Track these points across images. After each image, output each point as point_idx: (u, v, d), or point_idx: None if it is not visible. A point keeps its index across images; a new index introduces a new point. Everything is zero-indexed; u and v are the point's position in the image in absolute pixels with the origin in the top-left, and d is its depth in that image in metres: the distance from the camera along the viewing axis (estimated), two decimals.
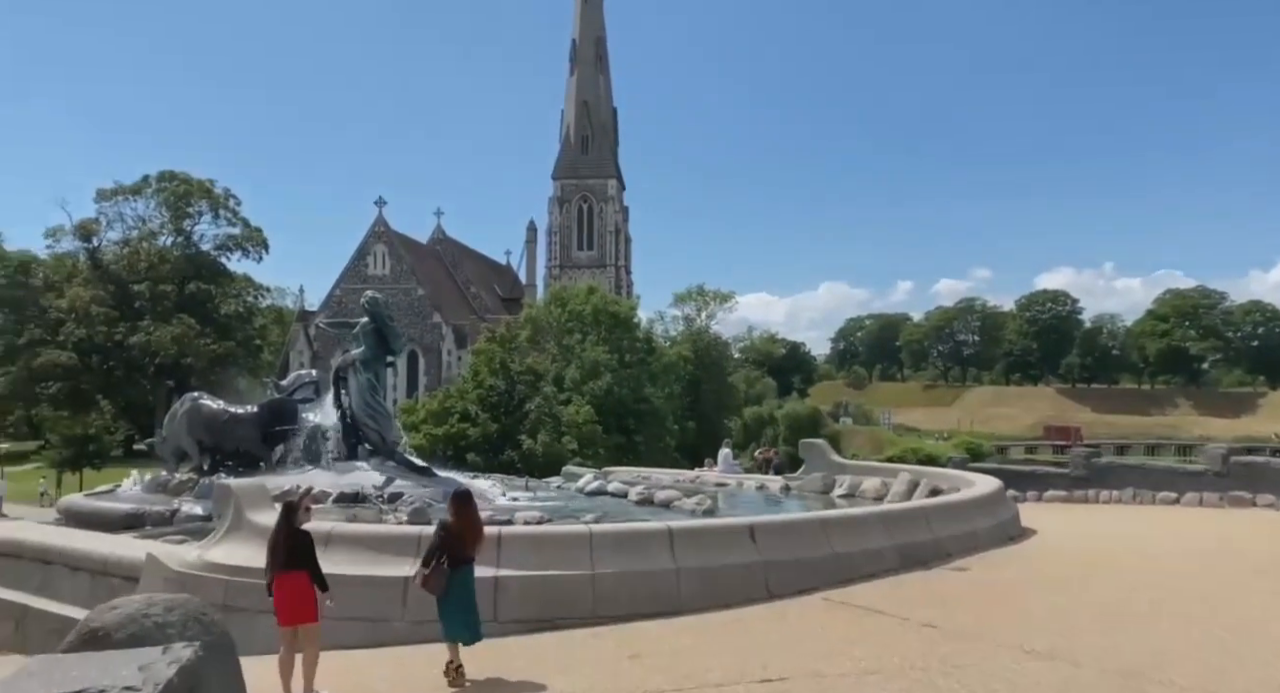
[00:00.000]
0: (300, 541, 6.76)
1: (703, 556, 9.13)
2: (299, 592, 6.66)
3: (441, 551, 6.80)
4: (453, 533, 6.88)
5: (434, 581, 6.77)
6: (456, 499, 7.16)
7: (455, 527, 6.91)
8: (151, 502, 16.64)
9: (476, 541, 7.07)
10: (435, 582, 6.76)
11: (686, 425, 46.79)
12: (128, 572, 10.26)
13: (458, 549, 6.84)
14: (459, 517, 6.97)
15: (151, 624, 3.00)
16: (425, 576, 6.78)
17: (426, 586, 6.81)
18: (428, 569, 6.81)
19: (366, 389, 17.90)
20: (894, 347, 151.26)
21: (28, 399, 60.31)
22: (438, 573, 6.76)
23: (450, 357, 62.52)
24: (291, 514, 6.83)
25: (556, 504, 15.89)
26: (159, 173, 64.10)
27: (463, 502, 7.10)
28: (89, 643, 2.92)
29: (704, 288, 68.71)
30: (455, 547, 6.83)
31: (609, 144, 79.00)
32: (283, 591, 6.69)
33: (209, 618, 3.26)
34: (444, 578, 6.73)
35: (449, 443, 37.52)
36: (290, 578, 6.66)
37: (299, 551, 6.71)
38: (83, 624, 3.09)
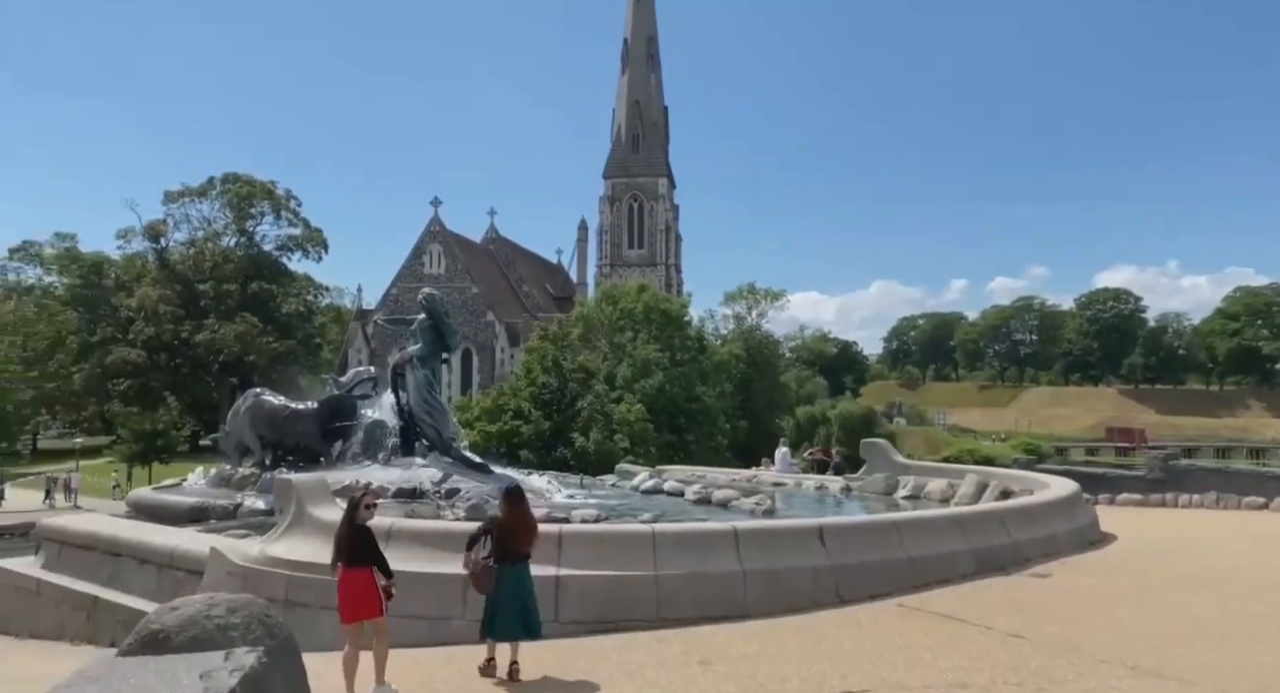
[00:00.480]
0: (363, 537, 6.66)
1: (769, 558, 8.80)
2: (362, 588, 6.57)
3: (484, 544, 6.73)
4: (503, 529, 6.79)
5: (483, 579, 6.70)
6: (508, 495, 7.06)
7: (506, 523, 6.82)
8: (215, 496, 16.89)
9: (530, 538, 6.95)
10: (484, 580, 6.70)
11: (738, 424, 46.30)
12: (192, 565, 10.34)
13: (509, 546, 6.73)
14: (510, 513, 6.88)
15: (213, 627, 2.81)
16: (474, 574, 6.73)
17: (476, 585, 6.76)
18: (473, 558, 6.76)
19: (424, 385, 17.91)
20: (948, 346, 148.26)
21: (100, 395, 62.45)
22: (485, 572, 6.68)
23: (503, 355, 62.91)
24: (354, 511, 6.75)
25: (612, 503, 15.68)
26: (223, 175, 65.96)
27: (514, 498, 7.00)
28: (149, 646, 2.75)
29: (755, 286, 67.97)
30: (506, 543, 6.73)
31: (660, 142, 78.69)
32: (346, 587, 6.60)
33: (273, 620, 3.07)
34: (492, 576, 6.65)
35: (502, 440, 37.67)
36: (353, 575, 6.58)
37: (361, 547, 6.62)
38: (142, 625, 2.93)
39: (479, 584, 6.76)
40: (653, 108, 78.66)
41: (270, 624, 3.00)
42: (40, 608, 12.34)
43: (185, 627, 2.79)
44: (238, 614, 2.93)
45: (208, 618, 2.85)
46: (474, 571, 6.75)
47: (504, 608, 6.69)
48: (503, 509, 6.94)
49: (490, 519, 7.02)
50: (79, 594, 11.54)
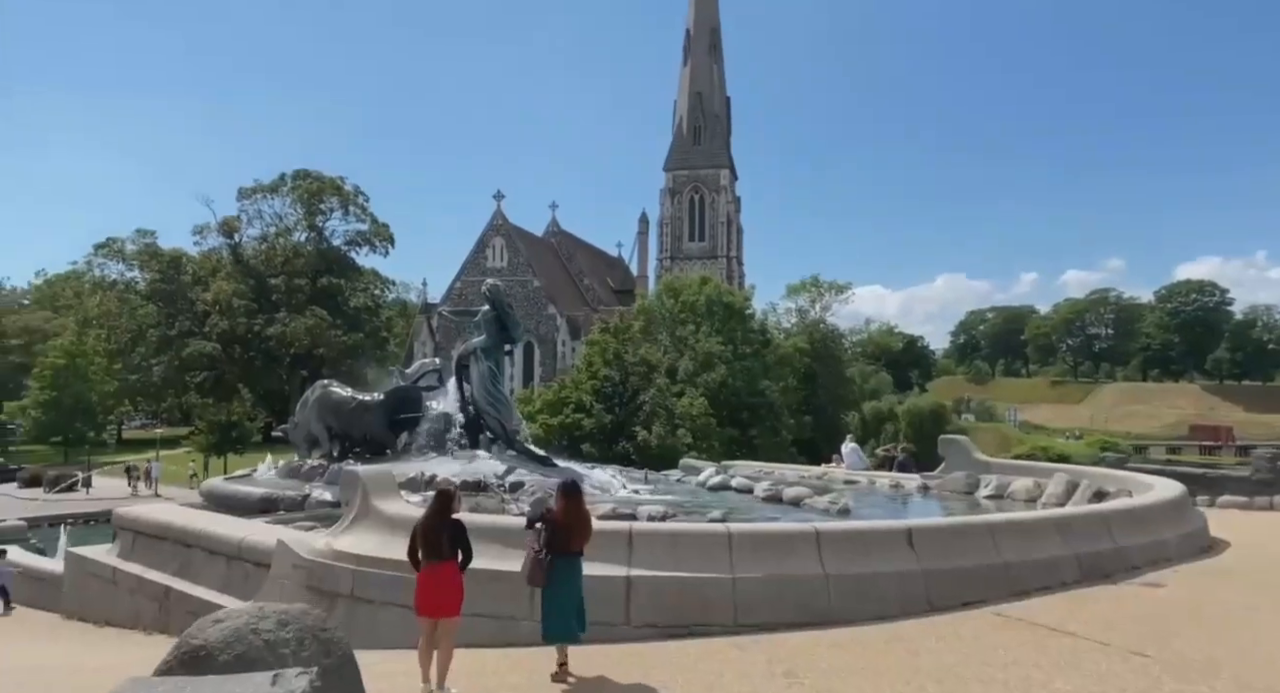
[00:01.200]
0: (459, 530, 6.53)
1: (854, 561, 8.24)
2: (447, 583, 6.38)
3: (539, 537, 6.59)
4: (559, 524, 6.61)
5: (537, 573, 6.52)
6: (565, 489, 6.87)
7: (562, 518, 6.64)
8: (284, 487, 17.00)
9: (585, 534, 6.78)
10: (537, 574, 6.52)
11: (803, 420, 45.31)
12: (260, 558, 10.24)
13: (563, 541, 6.58)
14: (567, 508, 6.69)
15: (261, 643, 2.45)
16: (529, 569, 6.56)
17: (528, 577, 6.58)
18: (529, 547, 6.59)
19: (488, 377, 17.74)
20: (1019, 341, 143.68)
21: (178, 387, 64.55)
22: (539, 565, 6.52)
23: (565, 348, 62.96)
24: (451, 502, 6.64)
25: (679, 499, 15.23)
26: (294, 171, 67.45)
27: (571, 492, 6.82)
28: (189, 664, 2.39)
29: (818, 279, 66.66)
30: (561, 538, 6.57)
31: (721, 134, 77.69)
32: (432, 580, 6.36)
33: (329, 635, 2.69)
34: (544, 571, 6.50)
35: (564, 433, 37.54)
36: (441, 568, 6.39)
37: (458, 540, 6.48)
38: (183, 640, 2.57)
39: (532, 577, 6.58)
40: (715, 99, 77.68)
41: (326, 639, 2.62)
42: (116, 597, 12.48)
43: (230, 643, 2.43)
44: (289, 628, 2.56)
45: (255, 633, 2.49)
46: (528, 563, 6.57)
47: (559, 606, 6.55)
48: (559, 503, 6.75)
49: (545, 510, 6.84)
50: (152, 584, 11.61)
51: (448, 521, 6.51)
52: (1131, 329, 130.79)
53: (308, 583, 9.40)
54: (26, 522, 23.63)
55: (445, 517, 6.50)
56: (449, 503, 6.60)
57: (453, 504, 6.62)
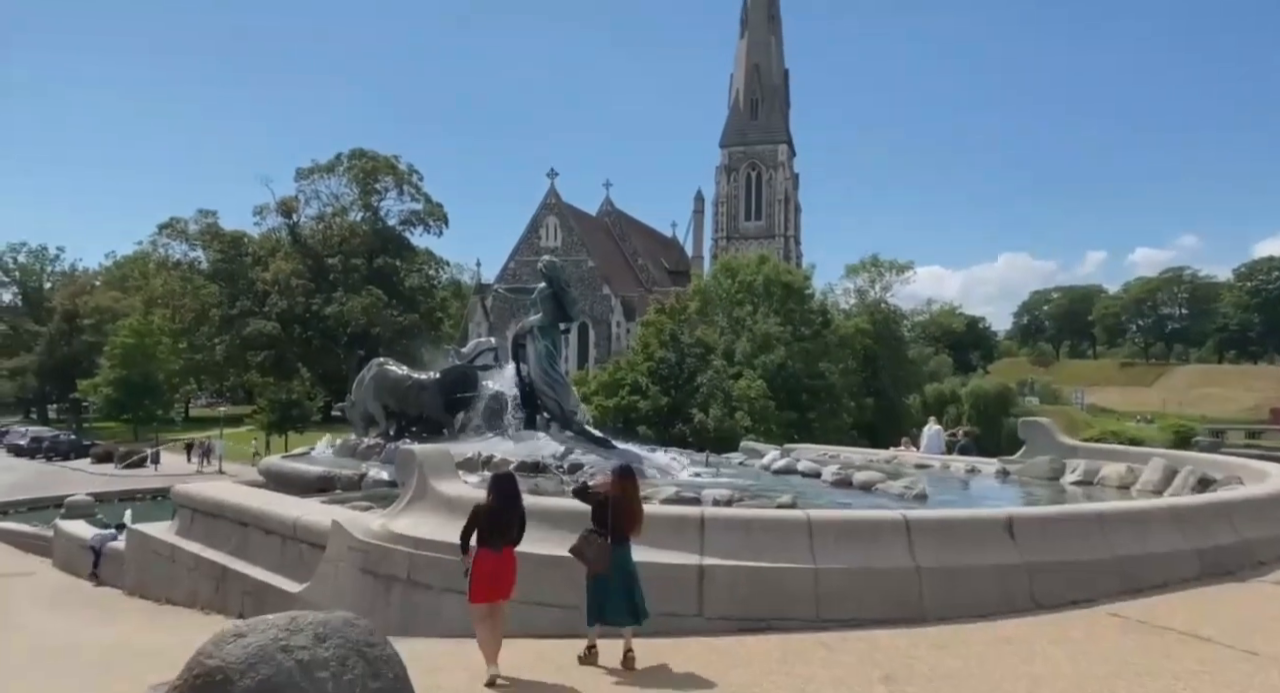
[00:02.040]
0: (524, 515, 6.51)
1: (948, 552, 7.52)
2: (511, 567, 6.34)
3: (599, 524, 6.45)
4: (615, 507, 6.44)
5: (600, 556, 6.35)
6: (621, 473, 6.68)
7: (618, 500, 6.45)
8: (341, 465, 16.82)
9: (639, 519, 6.60)
10: (601, 558, 6.34)
11: (864, 402, 44.09)
12: (315, 538, 9.93)
13: (619, 525, 6.43)
14: (623, 491, 6.50)
15: (293, 664, 1.92)
16: (590, 553, 6.39)
17: (594, 562, 6.38)
18: (587, 537, 6.46)
19: (544, 357, 17.30)
20: (1085, 321, 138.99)
21: (240, 366, 65.89)
22: (601, 548, 6.35)
23: (619, 329, 62.47)
24: (515, 485, 6.62)
25: (743, 482, 14.60)
26: (350, 151, 67.95)
27: (626, 475, 6.64)
28: (202, 691, 1.84)
29: (878, 258, 64.91)
30: (617, 522, 6.42)
31: (779, 108, 75.85)
32: (499, 565, 6.26)
33: (377, 651, 2.14)
34: (608, 554, 6.33)
35: (619, 415, 37.15)
36: (508, 553, 6.36)
37: (524, 524, 6.50)
38: (195, 659, 2.04)
39: (595, 561, 6.37)
40: (773, 72, 75.81)
41: (375, 657, 2.08)
42: (175, 574, 12.38)
43: (253, 664, 1.90)
44: (329, 644, 2.02)
45: (285, 651, 1.96)
46: (587, 548, 6.42)
47: (616, 591, 6.37)
48: (614, 486, 6.55)
49: (599, 497, 6.64)
50: (209, 562, 11.44)
51: (519, 504, 6.45)
52: (1207, 309, 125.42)
53: (363, 566, 9.03)
54: (93, 497, 24.07)
55: (518, 500, 6.45)
56: (518, 486, 6.56)
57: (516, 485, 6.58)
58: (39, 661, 8.61)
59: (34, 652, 9.36)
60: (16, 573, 16.43)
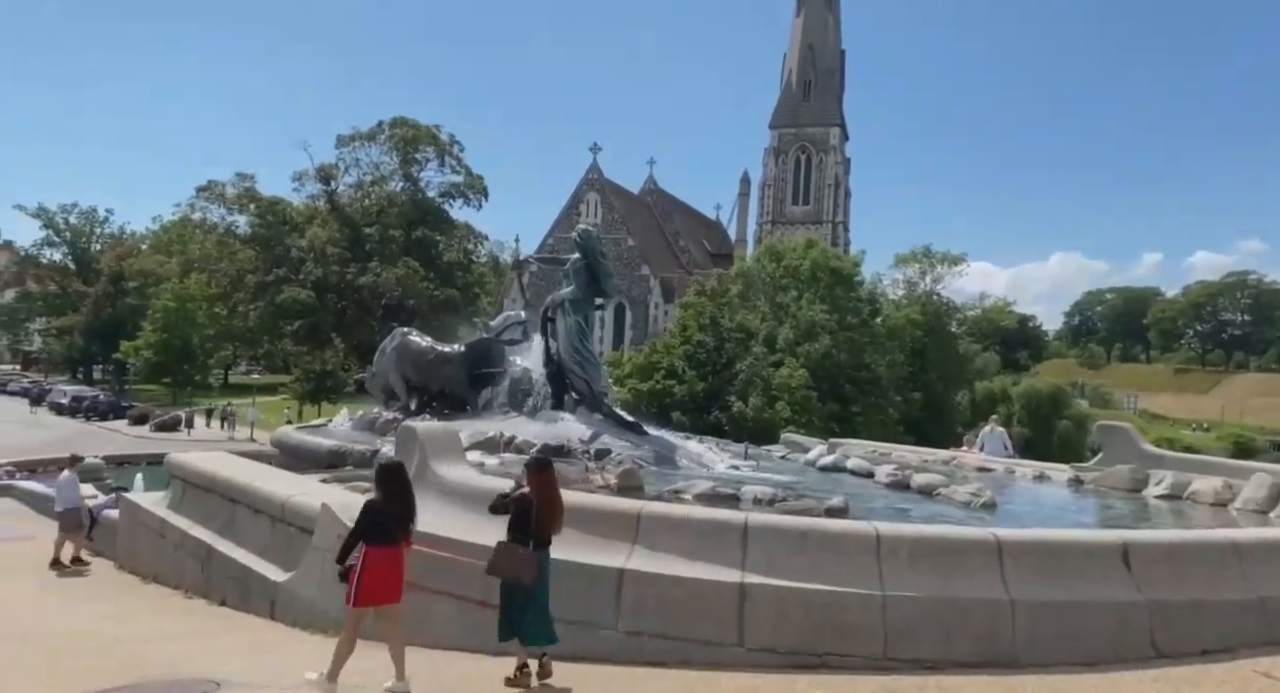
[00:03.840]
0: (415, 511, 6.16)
1: (1050, 584, 6.12)
2: (397, 569, 5.84)
3: (519, 532, 5.73)
4: (540, 506, 5.76)
5: (522, 562, 5.61)
6: (538, 466, 6.01)
7: (540, 499, 5.78)
8: (356, 440, 15.83)
9: (556, 519, 5.89)
10: (525, 563, 5.60)
11: (911, 397, 42.26)
12: (304, 522, 8.80)
13: (542, 527, 5.77)
14: (540, 489, 5.82)
15: None
16: (516, 567, 5.63)
17: (522, 572, 5.61)
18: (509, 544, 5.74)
19: (575, 333, 16.06)
20: (1139, 325, 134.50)
21: (273, 333, 65.76)
22: (528, 560, 5.62)
23: (657, 311, 61.11)
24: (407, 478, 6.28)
25: (786, 479, 13.26)
26: (391, 119, 67.24)
27: (544, 469, 5.97)
28: None
29: (930, 249, 62.65)
30: (540, 524, 5.74)
31: (834, 90, 73.37)
32: (385, 566, 5.71)
33: None
34: (536, 564, 5.64)
35: (653, 400, 35.93)
36: (396, 554, 5.86)
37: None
38: None
39: (515, 570, 5.62)
40: (828, 52, 73.30)
41: None
42: (163, 550, 11.40)
43: None
44: None
45: None
46: (511, 562, 5.66)
47: (538, 606, 5.71)
48: (534, 484, 5.86)
49: (516, 498, 5.94)
50: (195, 540, 10.42)
51: (411, 499, 6.07)
52: (1271, 316, 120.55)
53: None
54: (119, 459, 23.47)
55: (410, 495, 6.09)
56: (408, 478, 6.32)
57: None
58: None
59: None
60: (17, 538, 15.66)
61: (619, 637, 6.31)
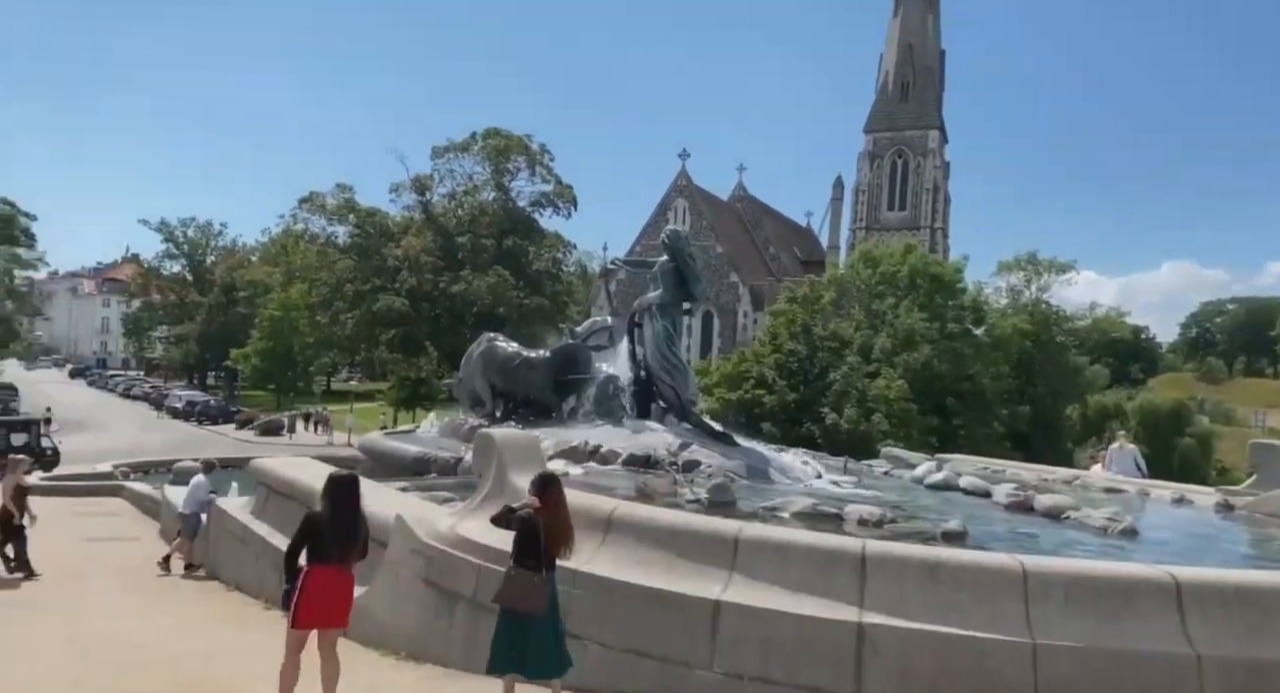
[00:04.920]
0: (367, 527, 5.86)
1: (1249, 638, 5.00)
2: (342, 589, 5.49)
3: (529, 555, 5.26)
4: (549, 532, 5.28)
5: (535, 592, 5.18)
6: (545, 483, 5.52)
7: (548, 519, 5.30)
8: (441, 447, 15.57)
9: (566, 540, 5.44)
10: (536, 594, 5.18)
11: (1018, 411, 39.87)
12: (379, 533, 8.30)
13: (552, 553, 5.36)
14: (548, 505, 5.35)
15: None
16: (526, 595, 5.17)
17: (533, 602, 5.15)
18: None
19: (662, 338, 15.39)
20: (1266, 337, 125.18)
21: (369, 341, 67.63)
22: (536, 584, 5.18)
23: (746, 319, 59.98)
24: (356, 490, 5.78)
25: (892, 497, 12.21)
26: (484, 130, 68.38)
27: (552, 485, 5.50)
28: None
29: (1035, 256, 59.47)
30: (552, 550, 5.32)
31: (933, 91, 70.77)
32: (327, 585, 5.34)
33: None
34: (544, 592, 5.20)
35: (742, 409, 34.89)
36: (341, 573, 5.48)
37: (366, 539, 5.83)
38: None
39: (528, 601, 5.16)
40: (927, 52, 70.79)
41: None
42: (245, 558, 11.20)
43: None
44: None
45: None
46: (520, 590, 5.20)
47: (545, 635, 5.22)
48: (543, 501, 5.37)
49: (522, 515, 5.38)
50: (275, 549, 10.08)
51: (358, 513, 5.70)
52: None
53: (425, 576, 7.35)
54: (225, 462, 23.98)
55: (357, 508, 5.69)
56: (359, 491, 5.86)
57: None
58: (33, 658, 7.41)
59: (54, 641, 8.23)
60: (120, 538, 15.95)
61: (716, 679, 5.51)
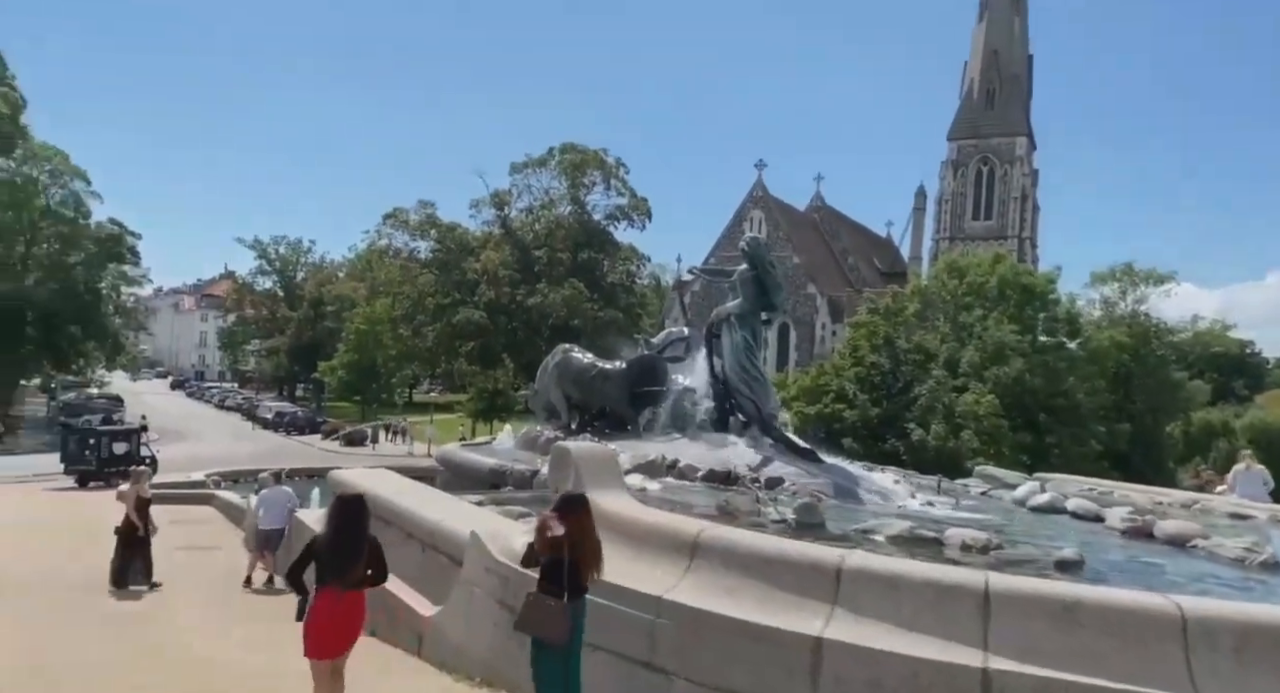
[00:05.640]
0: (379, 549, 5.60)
1: None
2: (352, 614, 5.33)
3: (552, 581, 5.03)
4: (572, 555, 5.02)
5: (554, 619, 4.92)
6: (570, 504, 5.24)
7: (574, 546, 5.02)
8: (517, 459, 15.35)
9: (594, 564, 5.19)
10: (556, 620, 4.92)
11: (1117, 428, 37.67)
12: (454, 550, 8.03)
13: (578, 574, 5.06)
14: (577, 531, 5.05)
15: None
16: (548, 622, 4.92)
17: (553, 629, 4.91)
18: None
19: (742, 349, 14.86)
20: None
21: (449, 354, 68.89)
22: (553, 609, 4.92)
23: (824, 331, 58.63)
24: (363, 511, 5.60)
25: (993, 520, 11.38)
26: (560, 145, 69.32)
27: (579, 506, 5.22)
28: None
29: (1132, 266, 56.56)
30: (575, 570, 5.03)
31: (1020, 97, 68.31)
32: (335, 610, 5.16)
33: None
34: (567, 619, 4.92)
35: (821, 424, 33.88)
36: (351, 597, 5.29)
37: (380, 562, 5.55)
38: None
39: (546, 628, 4.92)
40: (1014, 58, 68.35)
41: None
42: None
43: None
44: None
45: None
46: (540, 616, 4.98)
47: (574, 666, 5.04)
48: (569, 523, 5.06)
49: (551, 536, 5.10)
50: None
51: (364, 535, 5.44)
52: None
53: (500, 597, 6.97)
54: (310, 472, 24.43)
55: (363, 530, 5.47)
56: (365, 512, 5.66)
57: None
58: (111, 673, 7.32)
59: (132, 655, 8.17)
60: (209, 547, 16.18)
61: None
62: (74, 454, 28.18)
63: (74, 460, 28.03)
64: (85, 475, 27.42)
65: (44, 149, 53.61)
